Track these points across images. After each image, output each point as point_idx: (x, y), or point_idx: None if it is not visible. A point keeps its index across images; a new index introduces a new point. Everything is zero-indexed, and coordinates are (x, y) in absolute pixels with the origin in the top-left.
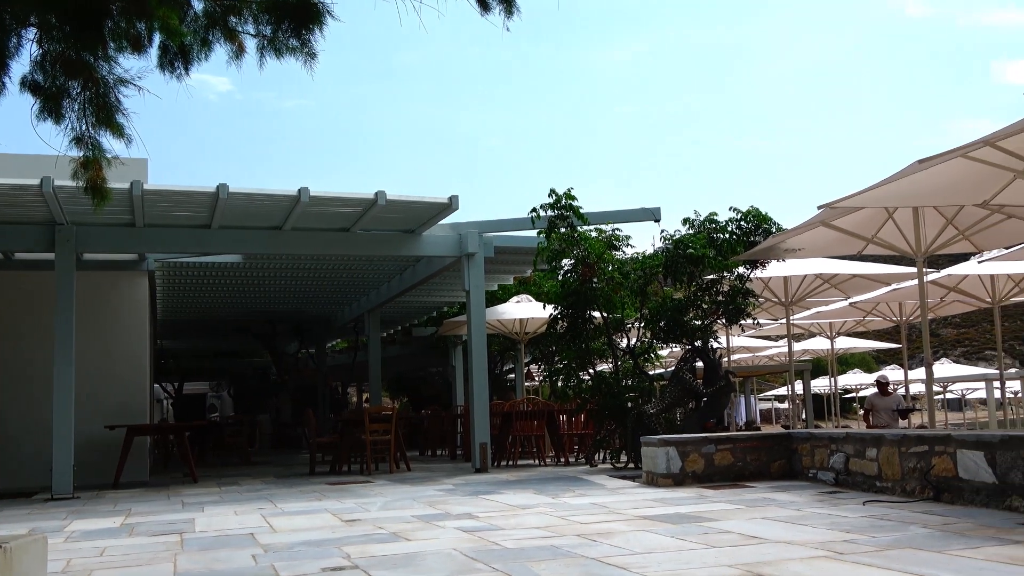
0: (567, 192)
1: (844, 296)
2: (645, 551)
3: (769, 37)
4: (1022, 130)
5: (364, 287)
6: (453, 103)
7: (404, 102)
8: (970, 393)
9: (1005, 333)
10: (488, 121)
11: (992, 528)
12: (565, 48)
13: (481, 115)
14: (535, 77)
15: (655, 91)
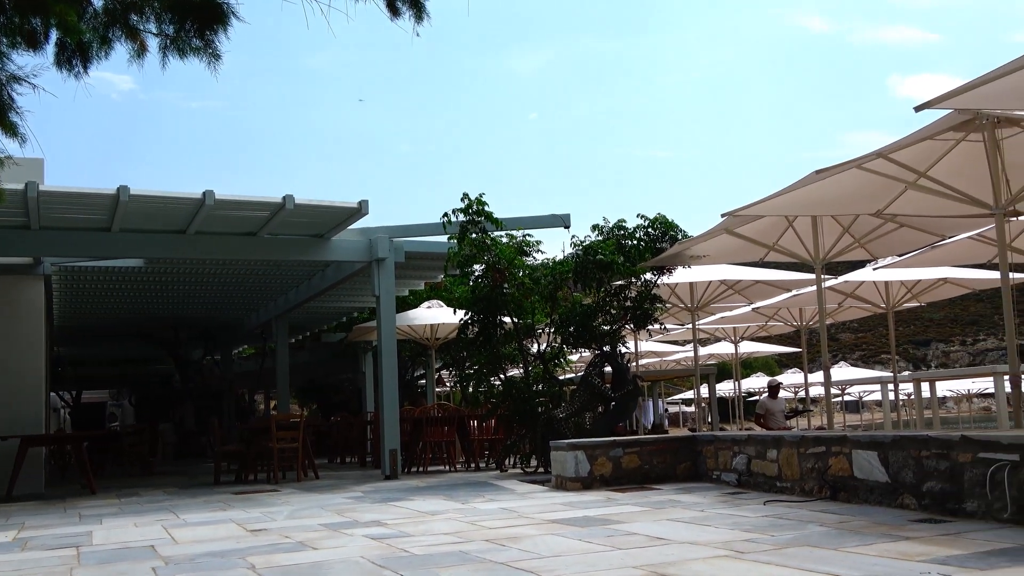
0: (479, 197)
1: (747, 302)
2: (553, 555)
3: (675, 48)
4: (913, 143)
5: (272, 292)
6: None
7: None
8: (867, 395)
9: (899, 337)
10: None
11: (885, 525)
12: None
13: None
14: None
15: (564, 99)
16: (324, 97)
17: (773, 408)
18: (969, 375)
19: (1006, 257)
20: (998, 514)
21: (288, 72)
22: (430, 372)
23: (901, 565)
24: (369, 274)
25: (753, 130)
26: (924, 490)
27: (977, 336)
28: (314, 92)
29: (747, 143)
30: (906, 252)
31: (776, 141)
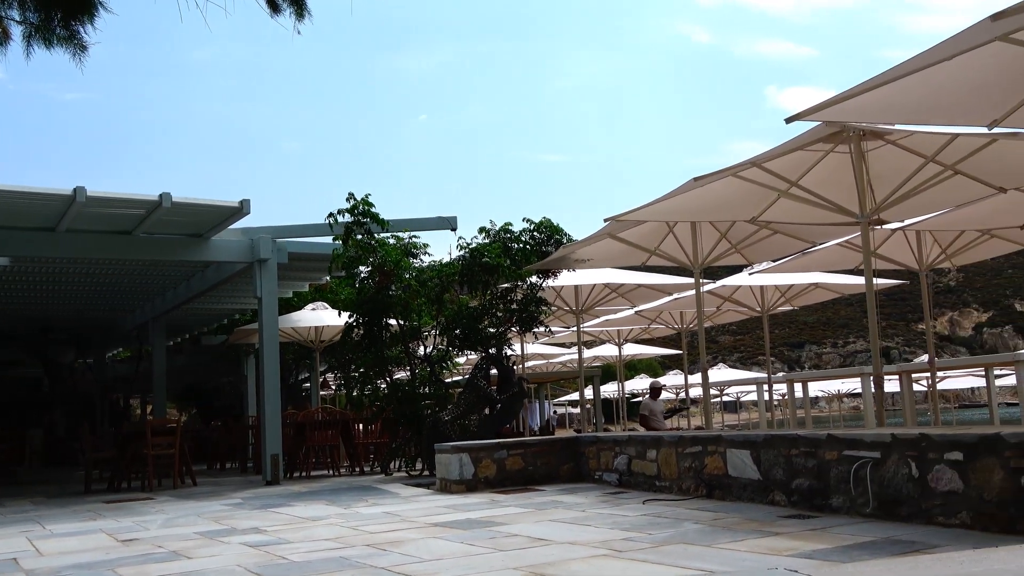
0: (365, 198)
1: (631, 305)
2: (434, 558)
3: (566, 53)
4: (785, 153)
5: (148, 293)
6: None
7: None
8: (744, 396)
9: (775, 340)
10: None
11: (756, 522)
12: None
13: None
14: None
15: (455, 101)
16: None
17: (655, 409)
18: (839, 376)
19: (870, 263)
20: (861, 509)
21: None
22: (314, 375)
23: (769, 559)
24: (251, 275)
25: (641, 136)
26: (793, 487)
27: (848, 339)
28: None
29: (635, 149)
30: (780, 258)
31: (663, 148)
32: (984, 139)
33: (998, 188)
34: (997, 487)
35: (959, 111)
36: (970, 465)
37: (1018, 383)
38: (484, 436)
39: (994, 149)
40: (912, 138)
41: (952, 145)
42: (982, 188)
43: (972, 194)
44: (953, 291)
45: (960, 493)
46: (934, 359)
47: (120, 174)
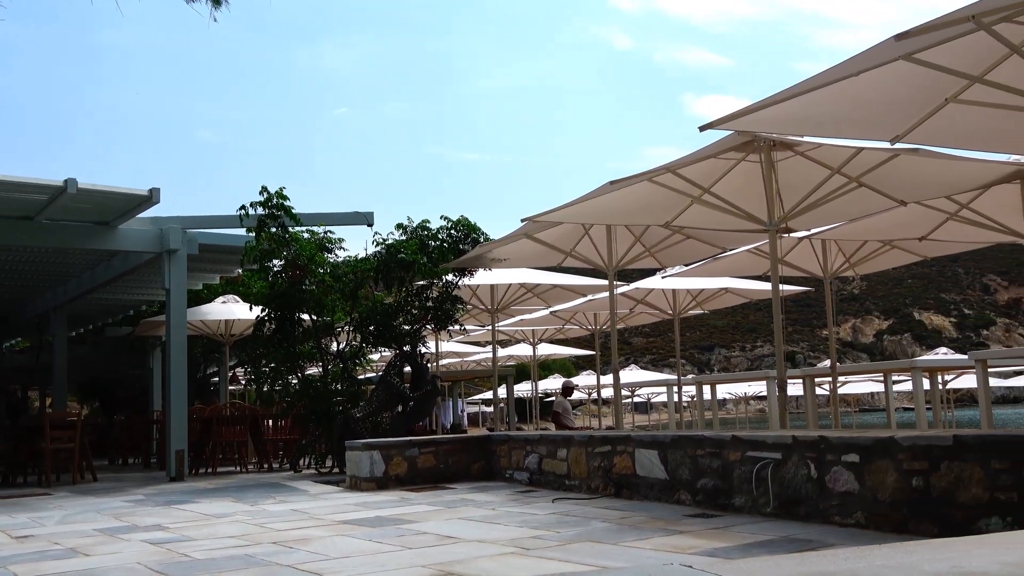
0: (279, 191)
1: (546, 305)
2: (341, 556)
3: (490, 52)
4: (698, 160)
5: (50, 281)
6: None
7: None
8: (655, 397)
9: (686, 342)
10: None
11: (662, 520)
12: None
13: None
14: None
15: (376, 95)
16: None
17: (568, 407)
18: (745, 379)
19: (777, 270)
20: (762, 508)
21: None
22: (223, 370)
23: (672, 557)
24: (159, 266)
25: (562, 138)
26: (699, 486)
27: (756, 343)
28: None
29: (556, 151)
30: (692, 262)
31: (584, 150)
32: (887, 153)
33: (899, 201)
34: (891, 488)
35: (864, 126)
36: (866, 467)
37: (914, 389)
38: (396, 434)
39: (896, 163)
40: (819, 150)
41: (857, 158)
42: (884, 200)
43: (875, 206)
44: (856, 299)
45: (856, 494)
46: (836, 364)
47: (25, 159)
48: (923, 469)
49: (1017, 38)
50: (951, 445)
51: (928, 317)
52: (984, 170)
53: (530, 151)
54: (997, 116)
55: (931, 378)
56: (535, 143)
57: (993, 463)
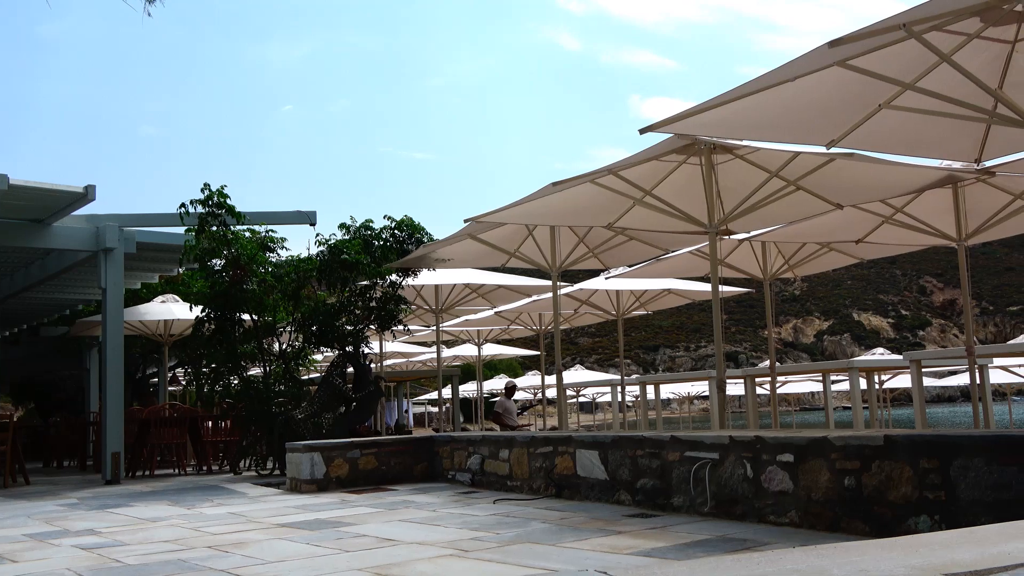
0: (220, 189)
1: (490, 305)
2: (278, 559)
3: (438, 51)
4: (640, 162)
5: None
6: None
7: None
8: (600, 397)
9: (632, 343)
10: (143, 108)
11: (601, 521)
12: (232, 39)
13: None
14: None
15: (322, 93)
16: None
17: (510, 407)
18: (688, 379)
19: (717, 272)
20: (700, 508)
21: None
22: (163, 370)
23: (610, 557)
24: (95, 264)
25: (510, 138)
26: (638, 487)
27: (700, 343)
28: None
29: (504, 151)
30: (635, 263)
31: (531, 151)
32: (823, 158)
33: (835, 204)
34: (823, 487)
35: (800, 130)
36: (800, 466)
37: (851, 388)
38: (338, 435)
39: (832, 168)
40: (758, 153)
41: (794, 162)
42: (821, 204)
43: (813, 209)
44: (797, 300)
45: (790, 493)
46: (775, 364)
47: None
48: (855, 468)
49: (947, 46)
50: (882, 445)
51: (867, 318)
52: (917, 175)
53: (478, 151)
54: (929, 122)
55: (868, 378)
56: (483, 143)
57: (922, 462)
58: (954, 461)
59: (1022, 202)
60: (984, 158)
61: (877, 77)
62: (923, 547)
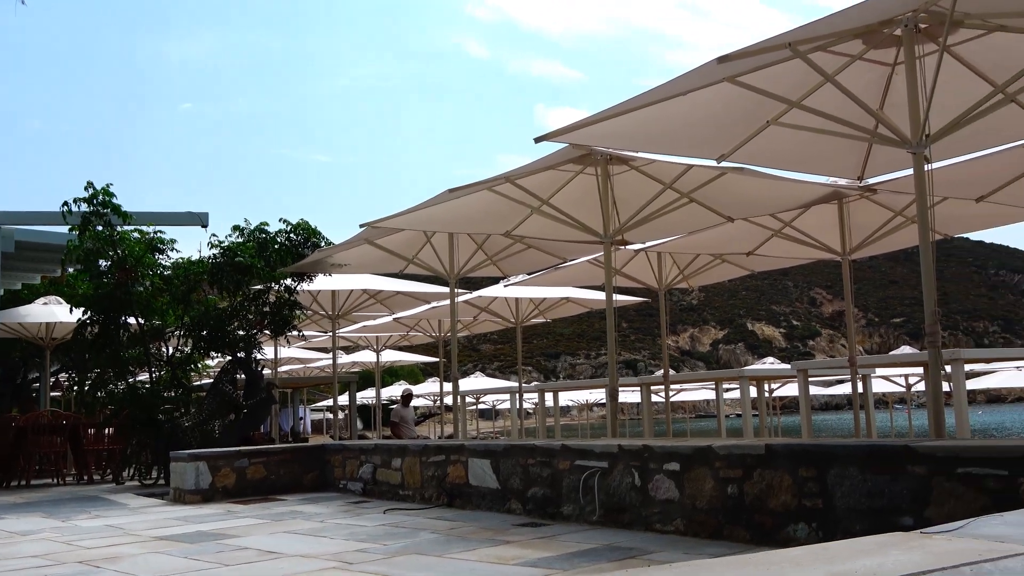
0: (106, 187)
1: (389, 311)
2: (152, 575)
3: (341, 52)
4: (538, 171)
5: None
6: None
7: None
8: (500, 404)
9: (533, 350)
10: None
11: (491, 530)
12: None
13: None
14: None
15: (222, 91)
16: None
17: (406, 416)
18: (585, 386)
19: (611, 281)
20: (589, 516)
21: None
22: (44, 375)
23: (496, 568)
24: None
25: (414, 143)
26: (529, 495)
27: (600, 351)
28: None
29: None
30: (534, 271)
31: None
32: (715, 171)
33: (727, 217)
34: (708, 495)
35: (692, 143)
36: (685, 475)
37: (741, 397)
38: (228, 443)
39: (723, 181)
40: (653, 165)
41: (688, 175)
42: (714, 216)
43: (705, 221)
44: (695, 309)
45: (676, 501)
46: (668, 373)
47: None
48: (738, 477)
49: (831, 67)
50: (763, 454)
51: (760, 328)
52: (804, 190)
53: (381, 155)
54: (815, 140)
55: (758, 386)
56: (386, 147)
57: (801, 471)
58: (831, 470)
59: (903, 218)
60: (867, 175)
61: (765, 94)
62: (775, 564)
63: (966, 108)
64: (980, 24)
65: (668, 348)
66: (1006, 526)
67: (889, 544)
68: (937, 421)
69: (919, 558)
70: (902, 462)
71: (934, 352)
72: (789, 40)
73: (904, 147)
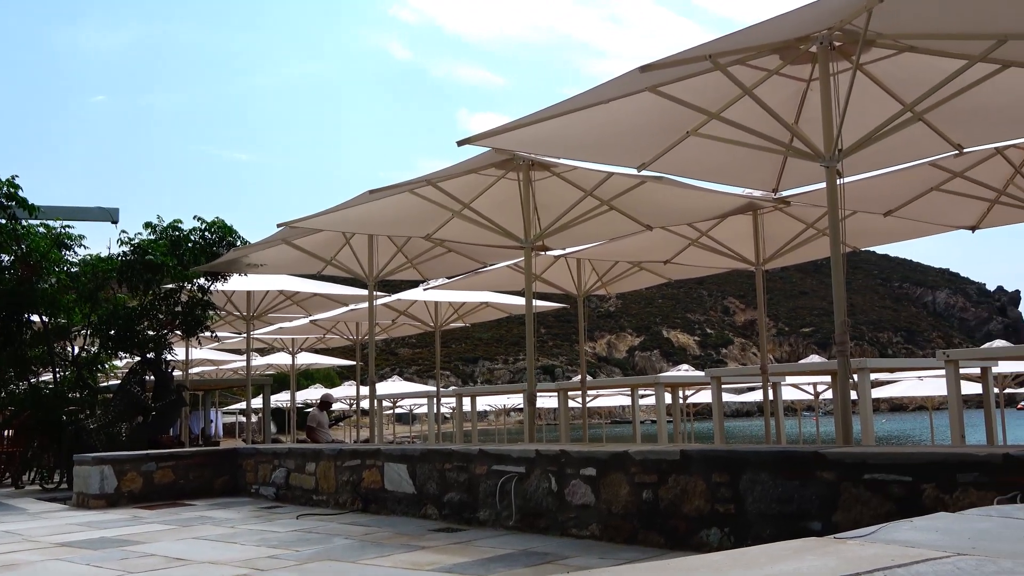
0: (10, 179)
1: (306, 313)
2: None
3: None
4: (459, 174)
5: None
6: None
7: None
8: (418, 408)
9: (452, 354)
10: None
11: (406, 536)
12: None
13: None
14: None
15: (139, 85)
16: None
17: (323, 421)
18: (503, 391)
19: (531, 286)
20: (505, 521)
21: None
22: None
23: (411, 575)
24: None
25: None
26: (445, 500)
27: (518, 356)
28: None
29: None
30: (454, 275)
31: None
32: (634, 180)
33: (646, 226)
34: (623, 500)
35: (613, 152)
36: (602, 480)
37: (657, 403)
38: (135, 447)
39: (643, 190)
40: (574, 172)
41: (608, 183)
42: (633, 224)
43: (625, 229)
44: (612, 316)
45: (592, 506)
46: (585, 379)
47: None
48: (653, 482)
49: (750, 80)
50: (678, 459)
51: (675, 335)
52: (721, 201)
53: (303, 155)
54: (732, 151)
55: (673, 393)
56: (308, 147)
57: (715, 476)
58: (743, 476)
59: (815, 230)
60: (781, 188)
61: (685, 105)
62: (694, 570)
63: (877, 125)
64: (891, 44)
65: (586, 354)
66: (916, 531)
67: (804, 549)
68: (845, 428)
69: (834, 563)
70: (812, 468)
71: (843, 361)
72: (709, 52)
73: (817, 161)
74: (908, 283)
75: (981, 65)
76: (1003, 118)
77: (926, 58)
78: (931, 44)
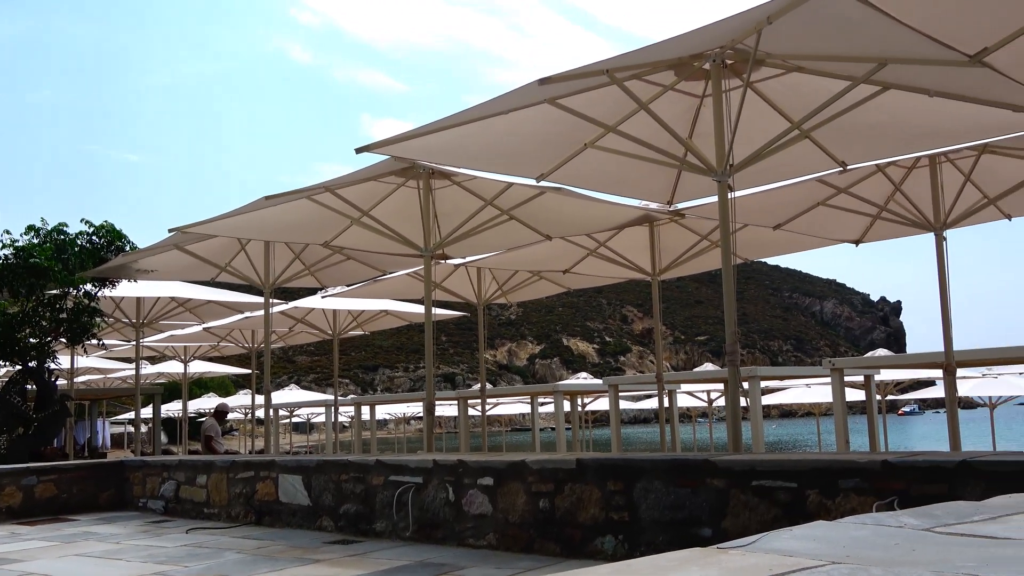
0: None
1: (199, 320)
2: None
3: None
4: (359, 181)
5: None
6: None
7: None
8: (315, 417)
9: (351, 362)
10: None
11: (300, 549)
12: None
13: None
14: None
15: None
16: None
17: (219, 431)
18: (403, 400)
19: (430, 295)
20: (402, 533)
21: None
22: None
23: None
24: None
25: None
26: (341, 512)
27: (419, 364)
28: None
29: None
30: (353, 283)
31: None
32: (534, 190)
33: (545, 236)
34: (520, 510)
35: (512, 162)
36: (499, 489)
37: (555, 411)
38: (15, 459)
39: (542, 200)
40: (475, 182)
41: (508, 192)
42: (532, 234)
43: (524, 238)
44: (513, 324)
45: (489, 516)
46: (485, 387)
47: None
48: (549, 491)
49: (646, 95)
50: (574, 468)
51: (575, 343)
52: (618, 212)
53: (198, 157)
54: (629, 164)
55: (572, 400)
56: (204, 149)
57: (609, 485)
58: (637, 484)
59: (708, 242)
60: (676, 200)
61: (583, 118)
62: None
63: (766, 141)
64: (780, 64)
65: (486, 362)
66: (795, 540)
67: (689, 560)
68: (736, 436)
69: (716, 574)
70: (703, 476)
71: (733, 370)
72: (607, 67)
73: (709, 175)
74: (798, 293)
75: (864, 86)
76: (884, 137)
77: (813, 78)
78: (817, 65)
